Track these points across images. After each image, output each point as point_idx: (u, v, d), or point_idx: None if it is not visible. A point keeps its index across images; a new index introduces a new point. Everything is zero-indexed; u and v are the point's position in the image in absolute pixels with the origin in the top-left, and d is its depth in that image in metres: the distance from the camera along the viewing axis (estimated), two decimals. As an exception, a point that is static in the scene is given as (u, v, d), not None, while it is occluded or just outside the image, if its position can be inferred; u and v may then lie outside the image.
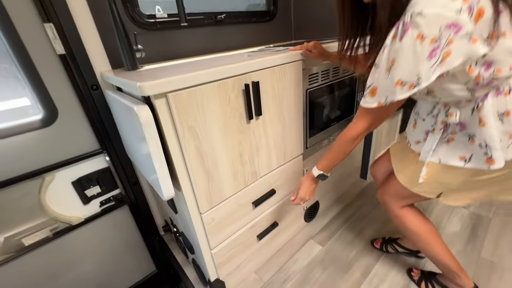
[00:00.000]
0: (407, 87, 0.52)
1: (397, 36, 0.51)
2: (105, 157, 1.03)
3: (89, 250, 1.09)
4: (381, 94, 0.57)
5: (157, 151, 0.63)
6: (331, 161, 0.79)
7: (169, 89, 0.59)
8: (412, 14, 0.48)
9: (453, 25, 0.46)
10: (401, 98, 0.54)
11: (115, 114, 0.90)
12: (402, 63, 0.51)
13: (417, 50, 0.48)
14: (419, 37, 0.48)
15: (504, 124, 0.57)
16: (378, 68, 0.56)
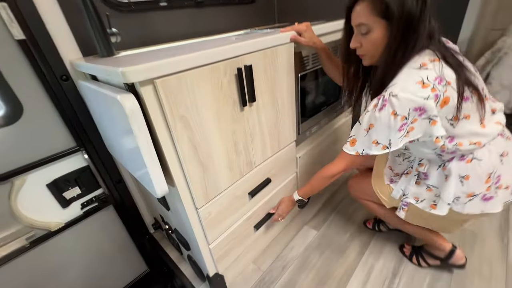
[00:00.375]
0: (381, 147, 0.67)
1: (377, 106, 0.63)
2: (83, 155, 0.94)
3: (74, 256, 1.01)
4: (359, 146, 0.71)
5: (146, 144, 0.57)
6: (310, 191, 0.94)
7: (156, 74, 0.53)
8: (390, 94, 0.61)
9: (419, 109, 0.59)
10: (375, 153, 0.68)
11: (92, 106, 0.81)
12: (379, 129, 0.65)
13: (390, 123, 0.62)
14: (393, 114, 0.61)
15: (464, 186, 0.70)
16: (360, 125, 0.69)
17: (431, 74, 0.59)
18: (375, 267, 1.04)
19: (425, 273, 1.00)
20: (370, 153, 0.68)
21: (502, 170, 0.68)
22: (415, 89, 0.59)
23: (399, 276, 1.00)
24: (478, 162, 0.68)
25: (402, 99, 0.59)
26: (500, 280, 0.96)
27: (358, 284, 0.99)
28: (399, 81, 0.62)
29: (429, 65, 0.60)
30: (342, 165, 0.80)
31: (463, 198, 0.71)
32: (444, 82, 0.59)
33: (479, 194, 0.69)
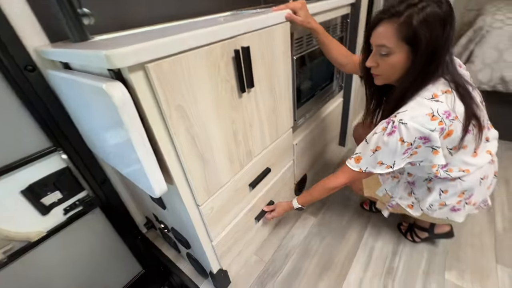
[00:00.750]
0: (385, 167, 0.69)
1: (386, 130, 0.64)
2: (61, 155, 0.84)
3: (61, 265, 0.92)
4: (363, 164, 0.72)
5: (140, 138, 0.50)
6: (309, 200, 0.95)
7: (148, 57, 0.45)
8: (400, 121, 0.62)
9: (424, 138, 0.61)
10: (378, 172, 0.71)
11: (66, 99, 0.71)
12: (385, 152, 0.67)
13: (397, 149, 0.64)
14: (401, 140, 0.63)
15: (441, 197, 0.78)
16: (367, 145, 0.70)
17: (441, 108, 0.60)
18: (375, 248, 1.06)
19: (422, 249, 1.04)
20: (373, 171, 0.71)
21: (477, 190, 0.76)
22: (424, 120, 0.60)
23: (399, 254, 1.03)
24: (461, 182, 0.74)
25: (411, 128, 0.60)
26: (490, 249, 1.01)
27: (361, 266, 1.00)
28: (410, 109, 0.62)
29: (440, 97, 0.61)
30: (345, 179, 0.80)
31: (435, 206, 0.80)
32: (452, 116, 0.60)
33: (449, 205, 0.78)
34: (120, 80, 0.46)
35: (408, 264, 0.99)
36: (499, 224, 1.10)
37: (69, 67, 0.65)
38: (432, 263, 0.99)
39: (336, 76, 1.31)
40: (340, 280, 0.96)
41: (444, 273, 0.95)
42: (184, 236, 0.87)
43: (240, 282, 0.99)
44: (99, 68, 0.51)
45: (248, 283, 0.98)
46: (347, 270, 0.99)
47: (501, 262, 0.97)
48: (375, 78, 0.71)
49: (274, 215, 0.99)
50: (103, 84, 0.44)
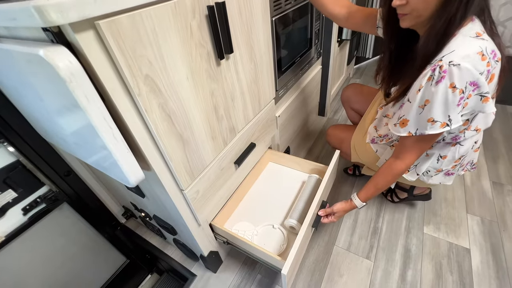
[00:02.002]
0: (439, 125, 0.58)
1: (433, 79, 0.54)
2: (6, 148, 0.70)
3: (32, 267, 0.83)
4: (411, 126, 0.62)
5: (103, 121, 0.40)
6: (374, 193, 0.79)
7: (97, 11, 0.35)
8: (450, 63, 0.51)
9: (474, 83, 0.52)
10: (431, 133, 0.59)
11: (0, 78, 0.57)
12: (436, 105, 0.56)
13: (449, 98, 0.54)
14: (451, 87, 0.53)
15: (438, 163, 0.76)
16: (412, 104, 0.59)
17: (489, 46, 0.52)
18: (360, 212, 1.10)
19: (403, 209, 1.09)
20: (425, 133, 0.60)
21: (469, 154, 0.75)
22: (476, 60, 0.51)
23: (382, 215, 1.08)
24: (460, 147, 0.71)
25: (464, 69, 0.50)
26: (461, 201, 1.10)
27: (348, 230, 1.04)
28: (458, 48, 0.52)
29: (484, 36, 0.53)
30: (413, 156, 0.68)
31: (432, 172, 0.79)
32: (497, 57, 0.53)
33: (445, 170, 0.78)
34: (64, 45, 0.35)
35: (390, 224, 1.04)
36: (467, 178, 1.19)
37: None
38: (412, 220, 1.05)
39: (315, 42, 1.24)
40: (329, 247, 0.99)
41: (423, 228, 1.02)
42: (169, 223, 0.81)
43: (232, 260, 0.98)
44: (32, 30, 0.39)
45: (240, 261, 0.98)
46: (336, 236, 1.02)
47: (471, 211, 1.05)
48: (402, 19, 0.58)
49: (333, 220, 0.83)
50: (40, 50, 0.34)
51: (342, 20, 0.81)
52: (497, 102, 1.62)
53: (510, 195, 1.10)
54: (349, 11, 0.79)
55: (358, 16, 0.78)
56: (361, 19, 0.78)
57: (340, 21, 0.82)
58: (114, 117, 0.42)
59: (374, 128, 0.87)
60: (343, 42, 1.61)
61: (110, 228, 1.08)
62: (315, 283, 0.89)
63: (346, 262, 0.94)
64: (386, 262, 0.93)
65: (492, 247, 0.93)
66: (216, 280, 0.93)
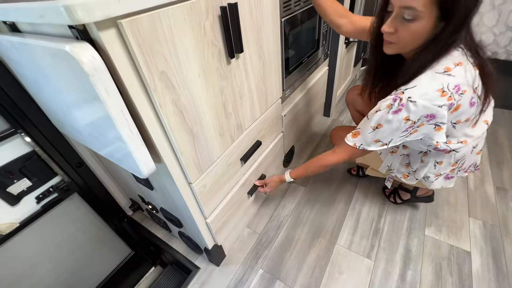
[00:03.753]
0: (380, 144, 0.66)
1: (392, 108, 0.59)
2: (23, 138, 0.74)
3: (42, 255, 0.86)
4: (359, 140, 0.69)
5: (121, 113, 0.43)
6: (303, 175, 0.90)
7: (120, 11, 0.37)
8: (408, 99, 0.56)
9: (430, 116, 0.57)
10: (372, 149, 0.68)
11: (20, 71, 0.60)
12: (386, 130, 0.63)
13: (400, 127, 0.61)
14: (406, 119, 0.59)
15: (435, 169, 0.78)
16: (368, 121, 0.65)
17: (452, 82, 0.55)
18: (362, 211, 1.11)
19: (405, 209, 1.10)
20: (367, 149, 0.68)
21: (468, 157, 0.77)
22: (433, 96, 0.55)
23: (384, 216, 1.09)
24: (455, 153, 0.73)
25: (420, 106, 0.56)
26: (464, 204, 1.10)
27: (350, 230, 1.05)
28: (420, 85, 0.56)
29: (452, 71, 0.56)
30: (343, 155, 0.75)
31: (432, 178, 0.81)
32: (461, 90, 0.56)
33: (443, 174, 0.80)
34: (88, 41, 0.38)
35: (392, 224, 1.05)
36: (471, 182, 1.20)
37: (18, 29, 0.53)
38: (414, 221, 1.06)
39: (322, 43, 1.25)
40: (330, 245, 1.01)
41: (425, 230, 1.03)
42: (175, 215, 0.83)
43: (235, 255, 1.00)
44: (57, 27, 0.41)
45: (243, 256, 1.00)
46: (337, 235, 1.04)
47: (473, 215, 1.06)
48: (387, 46, 0.61)
49: (267, 191, 0.96)
50: (66, 46, 0.36)
51: (342, 29, 0.83)
52: (503, 107, 1.61)
53: (513, 201, 1.10)
54: (350, 21, 0.81)
55: (357, 26, 0.80)
56: (360, 29, 0.80)
57: (340, 30, 0.84)
58: (130, 111, 0.45)
59: None
60: (350, 44, 1.62)
61: (117, 219, 1.11)
62: (315, 279, 0.91)
63: (347, 260, 0.95)
64: (386, 262, 0.94)
65: (493, 251, 0.94)
66: (219, 273, 0.95)
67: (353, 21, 0.81)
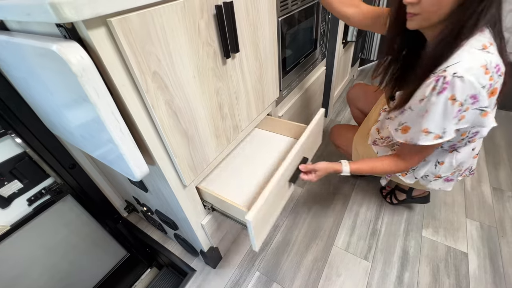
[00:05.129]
0: (432, 137, 0.57)
1: (436, 89, 0.53)
2: (14, 139, 0.72)
3: (35, 258, 0.84)
4: (410, 134, 0.61)
5: (112, 115, 0.41)
6: (363, 171, 0.75)
7: (110, 9, 0.36)
8: (454, 74, 0.50)
9: (474, 97, 0.52)
10: (424, 144, 0.59)
11: (9, 70, 0.58)
12: (433, 116, 0.55)
13: (447, 109, 0.53)
14: (451, 99, 0.52)
15: (436, 169, 0.76)
16: (413, 112, 0.59)
17: (493, 60, 0.51)
18: (360, 213, 1.11)
19: (402, 211, 1.10)
20: (417, 143, 0.59)
21: (468, 161, 0.75)
22: (479, 73, 0.50)
23: (381, 217, 1.08)
24: (457, 153, 0.72)
25: (467, 82, 0.49)
26: (461, 205, 1.10)
27: (347, 231, 1.04)
28: (463, 59, 0.50)
29: (490, 48, 0.51)
30: (414, 160, 0.68)
31: (430, 177, 0.79)
32: (500, 72, 0.52)
33: (444, 176, 0.78)
34: (76, 40, 0.36)
35: (389, 226, 1.05)
36: (468, 183, 1.20)
37: (6, 27, 0.52)
38: (411, 223, 1.05)
39: (320, 43, 1.24)
40: (328, 247, 1.00)
41: (422, 231, 1.02)
42: (170, 218, 0.82)
43: (231, 257, 0.99)
44: (45, 25, 0.40)
45: (239, 258, 0.99)
46: (334, 236, 1.03)
47: (470, 216, 1.06)
48: (410, 19, 0.56)
49: (312, 179, 0.75)
50: (53, 45, 0.35)
51: (351, 19, 0.79)
52: (500, 108, 1.62)
53: (510, 201, 1.10)
54: (359, 10, 0.78)
55: (368, 15, 0.77)
56: (371, 18, 0.76)
57: (349, 21, 0.80)
58: (121, 112, 0.43)
59: (377, 130, 0.88)
60: (348, 43, 1.61)
61: (112, 221, 1.09)
62: (312, 281, 0.90)
63: (344, 262, 0.95)
64: (383, 263, 0.94)
65: (490, 252, 0.94)
66: (215, 275, 0.94)
67: (363, 10, 0.77)
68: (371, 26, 0.78)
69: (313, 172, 0.75)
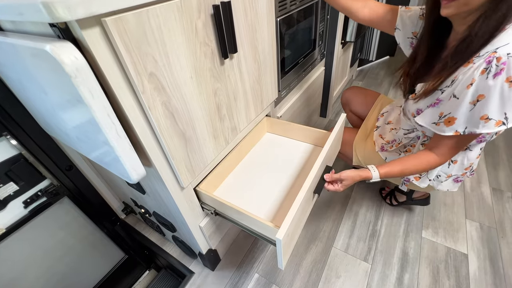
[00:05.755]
0: (493, 123, 0.53)
1: (490, 72, 0.49)
2: (9, 141, 0.71)
3: (31, 261, 0.83)
4: (460, 124, 0.57)
5: (107, 117, 0.41)
6: (394, 175, 0.69)
7: (104, 8, 0.35)
8: (509, 55, 0.47)
9: None
10: (484, 132, 0.54)
11: (4, 71, 0.57)
12: (492, 101, 0.51)
13: (505, 93, 0.49)
14: (508, 81, 0.48)
15: (449, 168, 0.75)
16: (460, 100, 0.55)
17: None
18: (359, 214, 1.10)
19: (401, 212, 1.09)
20: (477, 131, 0.55)
21: (475, 161, 0.75)
22: None
23: (381, 218, 1.08)
24: (469, 152, 0.71)
25: None
26: (460, 206, 1.10)
27: (347, 232, 1.04)
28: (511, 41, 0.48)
29: None
30: (452, 153, 0.64)
31: (442, 177, 0.78)
32: None
33: (454, 176, 0.77)
34: (70, 40, 0.36)
35: (389, 227, 1.04)
36: (467, 183, 1.19)
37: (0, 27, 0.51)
38: (411, 224, 1.05)
39: (319, 43, 1.24)
40: (327, 248, 0.99)
41: (422, 232, 1.02)
42: (168, 220, 0.81)
43: (230, 258, 0.98)
44: (38, 25, 0.39)
45: (238, 259, 0.98)
46: (334, 238, 1.02)
47: (469, 217, 1.06)
48: (446, 5, 0.53)
49: (339, 189, 0.71)
50: (46, 45, 0.34)
51: (357, 14, 0.77)
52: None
53: (509, 202, 1.10)
54: (366, 4, 0.75)
55: (376, 11, 0.74)
56: (378, 14, 0.74)
57: (354, 15, 0.78)
58: (117, 113, 0.43)
59: (380, 136, 0.87)
60: (347, 44, 1.61)
61: (110, 223, 1.08)
62: (312, 283, 0.90)
63: (344, 263, 0.94)
64: (383, 265, 0.93)
65: (490, 253, 0.93)
66: (214, 277, 0.94)
67: (371, 6, 0.74)
68: (377, 24, 0.76)
69: (338, 182, 0.71)
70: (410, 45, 0.73)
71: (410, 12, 0.70)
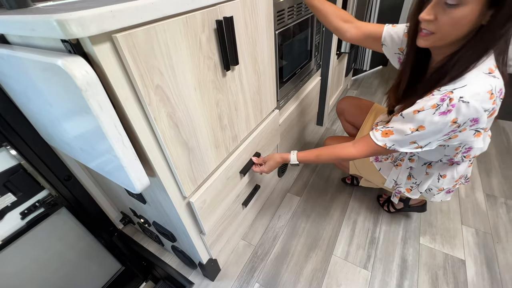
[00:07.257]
0: (415, 146, 0.60)
1: (440, 109, 0.53)
2: (9, 151, 0.71)
3: (27, 273, 0.81)
4: (391, 140, 0.62)
5: (114, 128, 0.41)
6: (311, 160, 0.81)
7: (115, 25, 0.36)
8: (461, 99, 0.50)
9: (475, 120, 0.53)
10: (404, 151, 0.62)
11: (8, 83, 0.58)
12: (427, 133, 0.56)
13: (443, 129, 0.54)
14: (453, 122, 0.53)
15: (439, 182, 0.79)
16: (404, 121, 0.59)
17: (498, 85, 0.51)
18: (358, 221, 1.11)
19: (399, 219, 1.11)
20: (400, 150, 0.61)
21: (466, 172, 0.78)
22: (484, 98, 0.50)
23: (379, 225, 1.09)
24: (457, 166, 0.75)
25: (472, 107, 0.50)
26: (456, 213, 1.12)
27: (346, 240, 1.04)
28: (471, 84, 0.51)
29: (495, 73, 0.52)
30: (364, 151, 0.67)
31: (434, 191, 0.82)
32: (502, 95, 0.53)
33: (446, 188, 0.81)
34: (81, 55, 0.37)
35: (387, 234, 1.05)
36: (462, 190, 1.22)
37: (6, 41, 0.52)
38: (408, 230, 1.06)
39: (315, 54, 1.28)
40: (327, 256, 1.00)
41: (419, 238, 1.03)
42: (168, 229, 0.81)
43: (230, 268, 0.98)
44: (49, 40, 0.40)
45: (238, 269, 0.97)
46: (333, 245, 1.03)
47: (465, 223, 1.07)
48: (422, 37, 0.55)
49: (264, 170, 0.83)
50: (58, 60, 0.35)
51: (346, 33, 0.80)
52: (490, 116, 1.66)
53: (503, 208, 1.12)
54: (353, 25, 0.79)
55: (361, 30, 0.78)
56: (364, 34, 0.78)
57: (343, 35, 0.81)
58: (123, 124, 0.44)
59: None
60: (341, 54, 1.65)
61: (107, 234, 1.07)
62: (313, 292, 0.89)
63: (344, 271, 0.94)
64: (383, 272, 0.93)
65: (487, 259, 0.95)
66: (213, 288, 0.93)
67: (358, 26, 0.78)
68: (364, 42, 0.79)
69: (263, 163, 0.84)
70: (398, 60, 0.75)
71: (395, 29, 0.72)
